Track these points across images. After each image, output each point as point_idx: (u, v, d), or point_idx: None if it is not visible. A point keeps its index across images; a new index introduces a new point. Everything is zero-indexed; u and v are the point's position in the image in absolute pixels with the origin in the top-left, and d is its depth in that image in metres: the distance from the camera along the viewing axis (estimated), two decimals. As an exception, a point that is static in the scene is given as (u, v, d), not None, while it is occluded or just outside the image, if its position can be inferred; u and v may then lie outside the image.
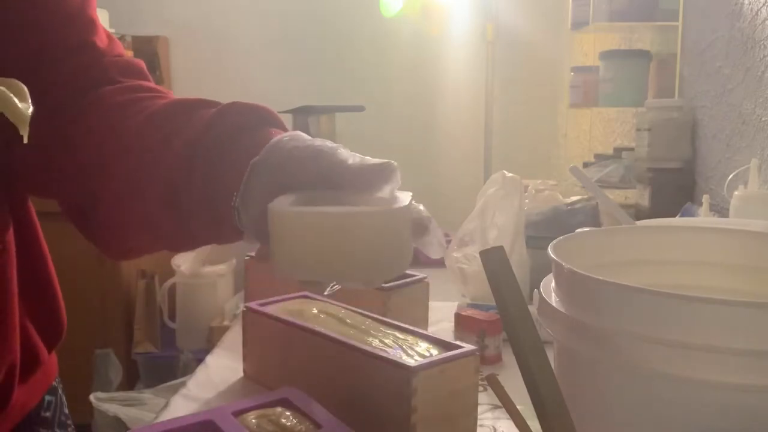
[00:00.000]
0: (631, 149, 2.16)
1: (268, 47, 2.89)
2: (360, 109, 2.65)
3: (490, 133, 2.48)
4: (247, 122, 0.60)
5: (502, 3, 2.51)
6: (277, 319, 0.86)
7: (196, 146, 0.58)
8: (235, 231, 0.58)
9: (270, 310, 0.89)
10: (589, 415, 0.52)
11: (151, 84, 0.71)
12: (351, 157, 0.56)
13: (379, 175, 0.55)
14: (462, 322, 1.02)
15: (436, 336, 0.77)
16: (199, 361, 1.06)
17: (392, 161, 0.56)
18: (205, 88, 2.78)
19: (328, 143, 0.57)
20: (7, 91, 0.43)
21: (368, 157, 0.56)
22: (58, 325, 0.81)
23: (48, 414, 0.84)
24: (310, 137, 0.58)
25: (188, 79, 2.92)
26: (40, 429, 0.83)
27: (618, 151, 2.28)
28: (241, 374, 0.94)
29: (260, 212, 0.54)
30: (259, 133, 0.59)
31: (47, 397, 0.83)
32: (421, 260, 1.52)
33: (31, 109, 0.44)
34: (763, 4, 1.55)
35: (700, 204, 1.37)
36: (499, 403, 0.55)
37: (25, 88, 0.44)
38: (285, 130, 0.61)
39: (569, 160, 2.55)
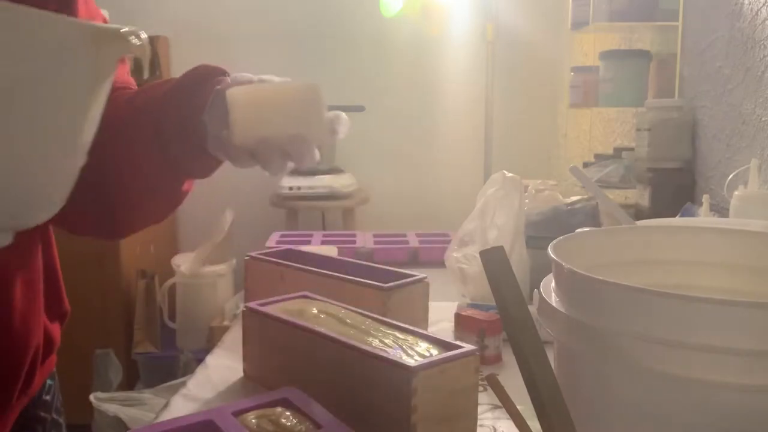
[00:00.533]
0: (631, 149, 2.16)
1: (268, 47, 2.89)
2: (360, 109, 2.65)
3: (490, 133, 2.48)
4: (212, 73, 0.75)
5: (502, 3, 2.51)
6: (277, 319, 0.86)
7: (172, 92, 0.73)
8: (210, 158, 0.73)
9: (270, 310, 0.89)
10: (589, 415, 0.52)
11: None
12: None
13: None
14: (462, 322, 1.02)
15: (436, 336, 0.77)
16: (199, 361, 1.06)
17: (315, 84, 0.73)
18: (205, 88, 2.78)
19: (276, 78, 0.74)
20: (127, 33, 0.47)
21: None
22: (61, 308, 0.84)
23: (48, 397, 0.86)
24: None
25: (188, 79, 2.92)
26: (41, 412, 0.84)
27: (618, 151, 2.28)
28: (241, 374, 0.94)
29: (222, 125, 0.69)
30: (221, 78, 0.75)
31: (48, 381, 0.85)
32: (420, 260, 1.52)
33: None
34: (763, 4, 1.55)
35: (700, 204, 1.37)
36: (499, 403, 0.55)
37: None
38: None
39: (569, 160, 2.55)
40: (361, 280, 1.00)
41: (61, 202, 0.52)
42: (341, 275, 1.03)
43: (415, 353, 0.73)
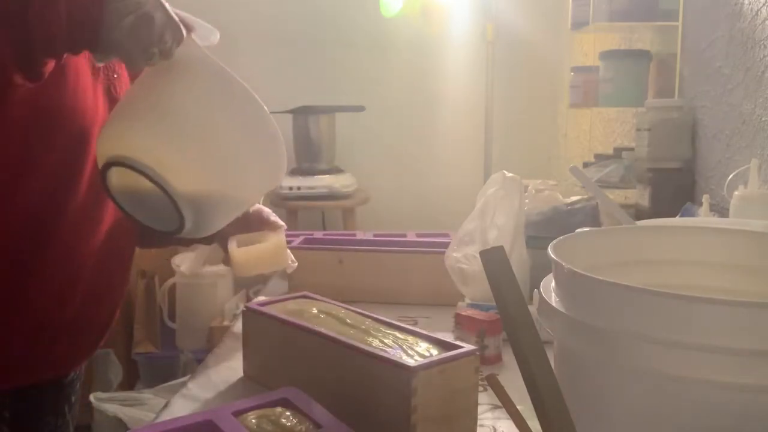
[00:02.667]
0: (631, 149, 2.16)
1: (268, 47, 2.89)
2: (360, 109, 2.65)
3: (490, 133, 2.48)
4: None
5: (502, 3, 2.50)
6: (277, 319, 0.86)
7: None
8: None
9: (270, 310, 0.89)
10: (589, 415, 0.52)
11: None
12: None
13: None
14: (462, 322, 1.02)
15: (436, 336, 0.77)
16: (199, 361, 1.06)
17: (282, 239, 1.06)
18: (205, 88, 2.77)
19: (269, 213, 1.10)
20: None
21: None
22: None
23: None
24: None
25: (188, 79, 2.91)
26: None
27: (618, 151, 2.27)
28: (241, 374, 0.94)
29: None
30: None
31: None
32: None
33: None
34: (763, 4, 1.55)
35: (700, 204, 1.37)
36: (499, 403, 0.55)
37: None
38: None
39: (569, 160, 2.55)
40: (436, 249, 1.10)
41: None
42: (413, 248, 1.14)
43: (415, 353, 0.73)
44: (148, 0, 0.76)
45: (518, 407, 0.51)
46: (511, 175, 1.17)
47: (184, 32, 0.81)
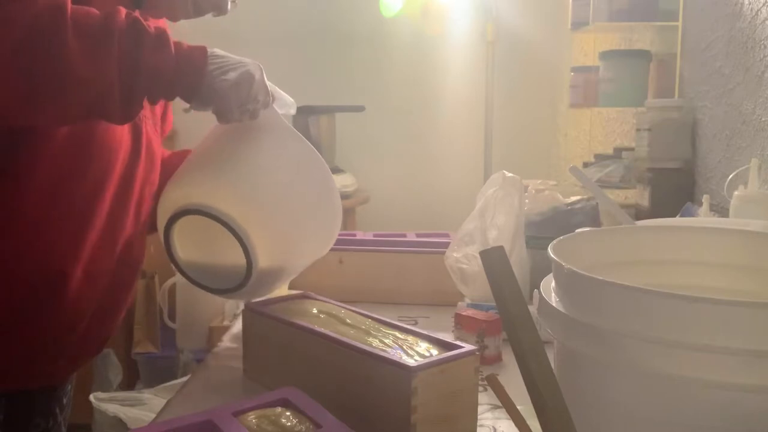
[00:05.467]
0: (631, 149, 2.16)
1: (268, 47, 2.88)
2: (360, 109, 2.65)
3: (490, 133, 2.48)
4: None
5: (502, 3, 2.50)
6: (277, 319, 0.86)
7: None
8: None
9: (270, 310, 0.89)
10: (589, 415, 0.52)
11: None
12: None
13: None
14: (462, 322, 1.02)
15: (436, 336, 0.77)
16: (199, 361, 1.06)
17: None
18: (205, 88, 2.77)
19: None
20: None
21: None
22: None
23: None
24: None
25: (188, 79, 2.91)
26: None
27: (618, 151, 2.27)
28: (241, 374, 0.94)
29: None
30: None
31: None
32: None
33: None
34: (763, 4, 1.55)
35: (700, 204, 1.37)
36: (499, 403, 0.55)
37: None
38: None
39: (569, 160, 2.55)
40: (436, 249, 1.10)
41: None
42: (413, 248, 1.19)
43: (415, 353, 0.73)
44: (249, 61, 0.83)
45: (518, 407, 0.51)
46: (511, 175, 1.17)
47: (272, 98, 0.85)
